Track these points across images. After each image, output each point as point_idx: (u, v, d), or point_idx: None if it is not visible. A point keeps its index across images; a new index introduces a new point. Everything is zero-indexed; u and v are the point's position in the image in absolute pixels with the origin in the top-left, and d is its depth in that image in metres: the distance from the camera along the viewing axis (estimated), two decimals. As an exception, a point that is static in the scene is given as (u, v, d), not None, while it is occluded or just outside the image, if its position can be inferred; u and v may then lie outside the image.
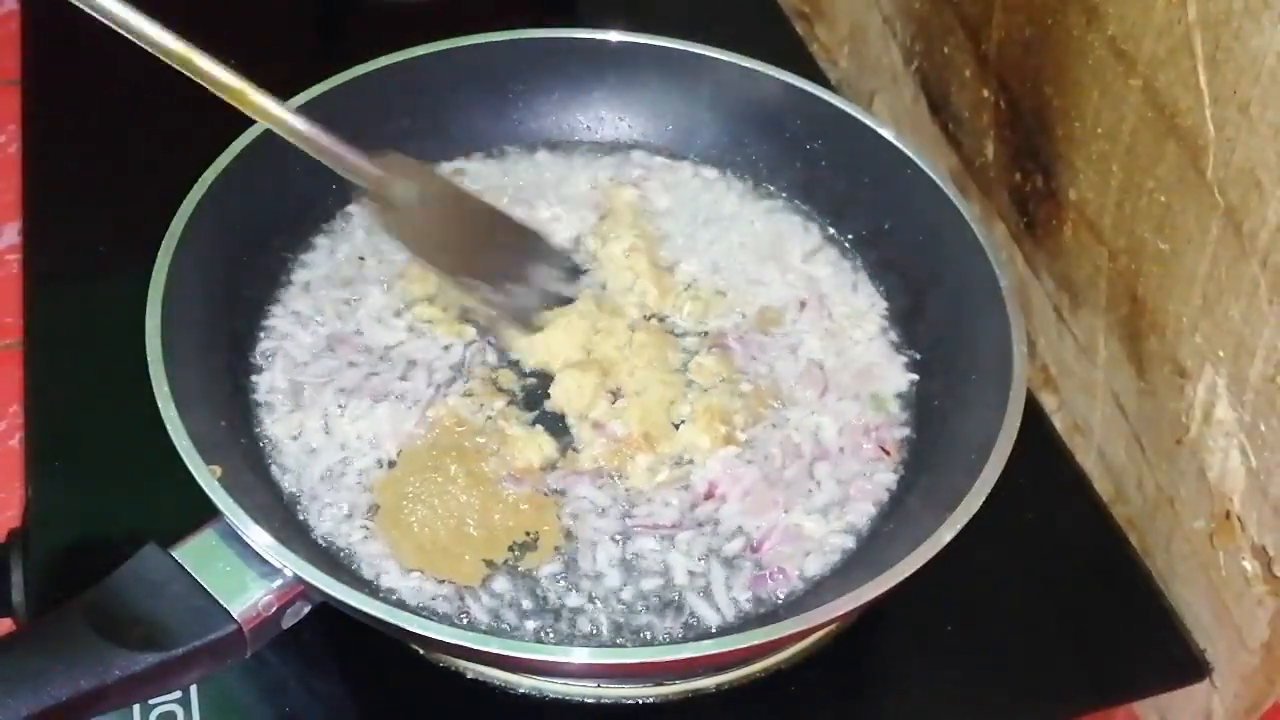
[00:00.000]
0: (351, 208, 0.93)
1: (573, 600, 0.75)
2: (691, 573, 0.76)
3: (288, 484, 0.78)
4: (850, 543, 0.78)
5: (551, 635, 0.73)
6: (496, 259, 0.83)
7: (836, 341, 0.88)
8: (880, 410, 0.85)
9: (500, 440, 0.81)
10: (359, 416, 0.81)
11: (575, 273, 0.90)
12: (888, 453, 0.82)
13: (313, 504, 0.78)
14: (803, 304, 0.90)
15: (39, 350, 0.91)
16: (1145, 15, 0.75)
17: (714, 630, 0.74)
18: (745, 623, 0.74)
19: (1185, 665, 0.81)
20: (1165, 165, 0.75)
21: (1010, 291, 0.81)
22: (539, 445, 0.81)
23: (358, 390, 0.83)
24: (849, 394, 0.85)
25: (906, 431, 0.84)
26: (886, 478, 0.81)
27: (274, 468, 0.79)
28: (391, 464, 0.79)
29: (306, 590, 0.67)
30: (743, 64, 0.95)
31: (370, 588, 0.74)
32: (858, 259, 0.93)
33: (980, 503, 0.70)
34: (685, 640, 0.73)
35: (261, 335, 0.85)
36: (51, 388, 0.89)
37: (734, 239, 0.94)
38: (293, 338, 0.85)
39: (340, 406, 0.82)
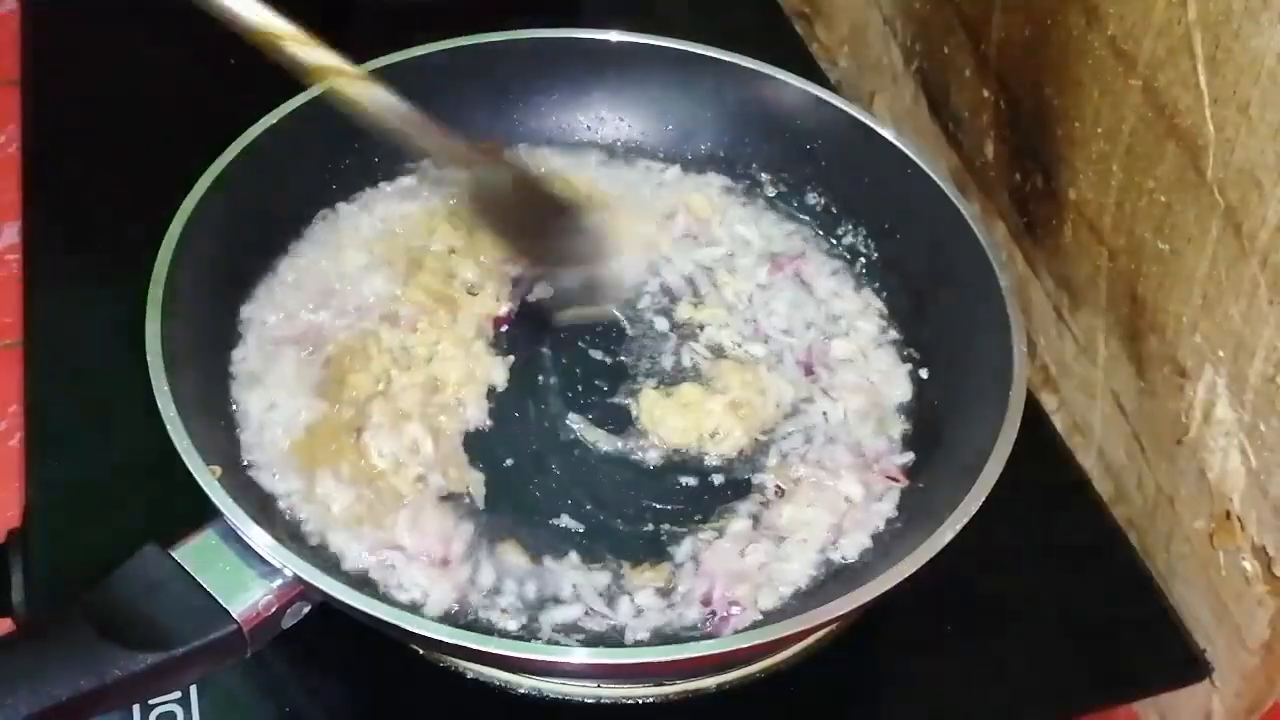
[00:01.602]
0: (342, 205, 0.93)
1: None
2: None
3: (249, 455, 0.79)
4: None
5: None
6: (556, 243, 0.86)
7: (841, 347, 0.88)
8: (883, 433, 0.83)
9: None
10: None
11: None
12: (895, 480, 0.81)
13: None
14: (797, 304, 0.90)
15: (39, 350, 0.91)
16: (1145, 15, 0.75)
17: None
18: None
19: (1185, 665, 0.81)
20: (1165, 165, 0.75)
21: (1010, 291, 0.81)
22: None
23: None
24: (858, 415, 0.84)
25: (910, 457, 0.83)
26: (886, 507, 0.80)
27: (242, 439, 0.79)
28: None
29: (306, 590, 0.67)
30: (743, 64, 0.95)
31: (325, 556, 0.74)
32: (858, 259, 0.93)
33: (980, 503, 0.70)
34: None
35: (231, 363, 0.85)
36: (51, 388, 0.89)
37: (730, 239, 0.94)
38: (274, 314, 0.86)
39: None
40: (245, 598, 0.66)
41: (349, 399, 0.81)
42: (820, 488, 0.80)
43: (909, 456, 0.83)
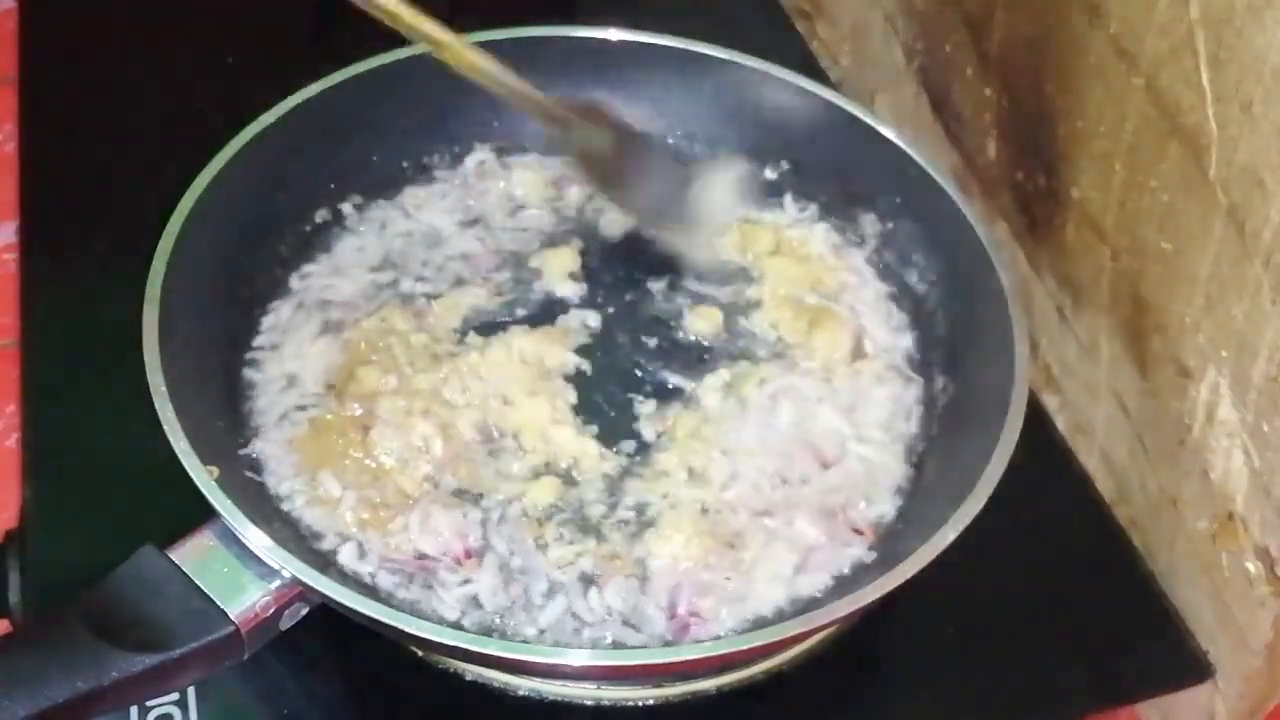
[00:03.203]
0: (346, 205, 0.92)
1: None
2: None
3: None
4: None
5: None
6: (659, 191, 0.91)
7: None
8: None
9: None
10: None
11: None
12: (860, 533, 0.78)
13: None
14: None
15: (36, 350, 0.91)
16: (1147, 14, 0.74)
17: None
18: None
19: (1188, 666, 0.81)
20: (1168, 164, 0.75)
21: (1012, 291, 0.81)
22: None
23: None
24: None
25: (892, 509, 0.80)
26: (855, 552, 0.77)
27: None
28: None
29: (305, 591, 0.67)
30: (743, 63, 0.94)
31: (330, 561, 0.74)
32: (858, 258, 0.93)
33: (983, 504, 0.70)
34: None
35: (259, 333, 0.85)
36: (48, 387, 0.88)
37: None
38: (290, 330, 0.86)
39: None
40: (243, 599, 0.66)
41: (356, 393, 0.80)
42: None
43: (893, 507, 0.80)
